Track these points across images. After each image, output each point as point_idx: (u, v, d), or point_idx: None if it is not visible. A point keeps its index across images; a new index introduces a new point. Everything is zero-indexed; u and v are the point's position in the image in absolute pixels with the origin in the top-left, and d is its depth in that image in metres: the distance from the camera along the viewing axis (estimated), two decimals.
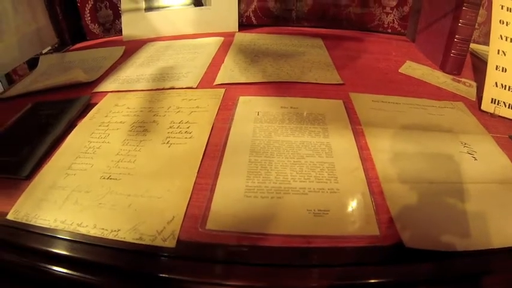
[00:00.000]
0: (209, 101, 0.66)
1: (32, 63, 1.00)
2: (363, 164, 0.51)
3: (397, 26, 1.13)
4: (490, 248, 0.41)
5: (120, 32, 1.16)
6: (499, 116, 0.67)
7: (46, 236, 0.44)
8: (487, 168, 0.53)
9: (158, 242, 0.41)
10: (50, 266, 0.41)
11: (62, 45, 1.13)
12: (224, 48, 0.94)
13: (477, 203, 0.46)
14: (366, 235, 0.41)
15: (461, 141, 0.58)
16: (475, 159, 0.54)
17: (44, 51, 1.07)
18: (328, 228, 0.42)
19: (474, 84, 0.78)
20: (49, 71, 0.92)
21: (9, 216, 0.47)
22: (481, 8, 0.96)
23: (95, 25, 1.20)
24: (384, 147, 0.55)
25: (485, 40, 0.74)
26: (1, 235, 0.45)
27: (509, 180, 0.51)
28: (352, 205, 0.45)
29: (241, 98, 0.67)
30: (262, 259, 0.39)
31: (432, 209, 0.45)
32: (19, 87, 0.84)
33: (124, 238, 0.42)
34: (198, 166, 0.51)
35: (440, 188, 0.48)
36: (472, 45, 0.96)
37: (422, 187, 0.48)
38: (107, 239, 0.42)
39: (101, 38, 1.21)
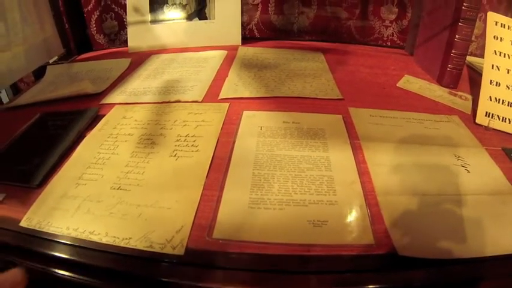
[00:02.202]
0: (214, 115, 0.70)
1: (38, 72, 1.03)
2: (360, 178, 0.54)
3: (396, 39, 1.18)
4: (482, 256, 0.43)
5: (124, 42, 1.21)
6: (493, 129, 0.70)
7: (59, 242, 0.47)
8: (479, 180, 0.56)
9: (168, 250, 0.43)
10: (62, 272, 0.44)
11: (67, 55, 1.17)
12: (228, 61, 0.98)
13: (469, 213, 0.49)
14: (361, 244, 0.44)
15: (455, 154, 0.61)
16: (468, 172, 0.57)
17: (50, 61, 1.10)
18: (327, 237, 0.45)
19: (470, 97, 0.82)
20: (56, 80, 0.96)
21: (22, 223, 0.49)
22: (478, 20, 1.00)
23: (100, 35, 1.25)
24: (381, 161, 0.58)
25: (482, 52, 0.77)
26: (15, 241, 0.48)
27: (501, 192, 0.54)
28: (349, 216, 0.48)
29: (245, 113, 0.70)
30: (265, 266, 0.43)
31: (425, 219, 0.48)
32: (27, 97, 0.87)
33: (135, 246, 0.44)
34: (205, 178, 0.54)
35: (434, 200, 0.51)
36: (469, 58, 0.99)
37: (416, 199, 0.51)
38: (119, 246, 0.45)
39: (106, 48, 1.25)
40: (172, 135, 0.65)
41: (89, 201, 0.52)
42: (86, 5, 1.20)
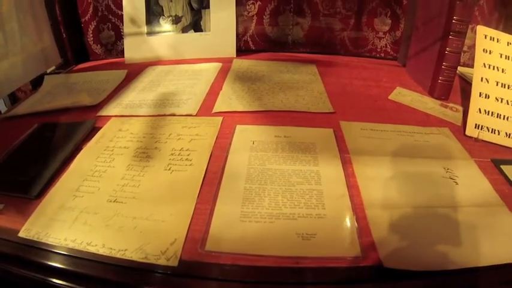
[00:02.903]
0: (208, 129, 0.72)
1: (35, 80, 1.05)
2: (349, 191, 0.56)
3: (389, 50, 1.21)
4: (467, 267, 0.45)
5: (121, 53, 1.23)
6: (483, 140, 0.72)
7: (57, 253, 0.48)
8: (467, 192, 0.57)
9: (162, 261, 0.45)
10: (60, 282, 0.45)
11: (65, 65, 1.19)
12: (222, 74, 1.00)
13: (456, 225, 0.50)
14: (348, 256, 0.46)
15: (444, 166, 0.63)
16: (457, 184, 0.59)
17: (48, 71, 1.12)
18: (315, 250, 0.47)
19: (461, 109, 0.84)
20: (54, 91, 0.98)
21: (21, 234, 0.50)
22: (470, 31, 1.03)
23: (97, 46, 1.27)
24: (370, 175, 0.60)
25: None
26: (13, 251, 0.49)
27: (488, 203, 0.55)
28: (337, 229, 0.50)
29: (238, 127, 0.73)
30: (255, 277, 0.44)
31: (412, 231, 0.49)
32: (24, 106, 0.89)
33: (131, 257, 0.46)
34: (198, 192, 0.56)
35: (421, 212, 0.53)
36: (461, 69, 1.03)
37: (403, 211, 0.53)
38: (115, 257, 0.46)
39: (103, 58, 1.28)
40: (167, 148, 0.67)
41: (86, 213, 0.54)
42: (83, 15, 1.22)
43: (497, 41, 0.81)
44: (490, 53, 0.80)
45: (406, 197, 0.56)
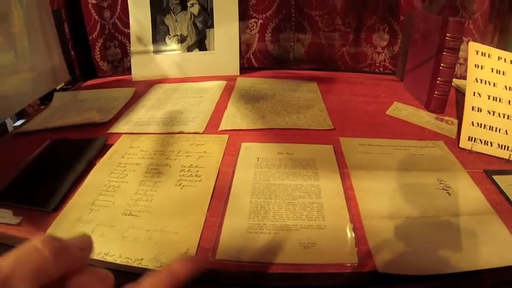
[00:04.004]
0: (215, 147, 0.77)
1: (44, 96, 1.10)
2: (347, 203, 0.60)
3: (388, 64, 1.26)
4: (460, 271, 0.49)
5: (127, 70, 1.30)
6: (476, 152, 0.76)
7: None
8: (460, 201, 0.62)
9: None
10: None
11: (73, 81, 1.24)
12: (227, 92, 1.05)
13: (448, 233, 0.55)
14: (346, 263, 0.50)
15: (438, 178, 0.67)
16: (449, 195, 0.63)
17: (58, 87, 1.17)
18: (315, 257, 0.51)
19: (455, 121, 0.89)
20: (63, 107, 1.02)
21: None
22: (465, 44, 1.08)
23: (104, 62, 1.33)
24: (367, 188, 0.64)
25: None
26: None
27: (479, 212, 0.60)
28: (337, 238, 0.54)
29: (243, 145, 0.77)
30: (261, 283, 0.49)
31: (405, 239, 0.53)
32: (35, 123, 0.93)
33: (147, 266, 0.50)
34: (208, 206, 0.61)
35: (415, 222, 0.57)
36: (457, 81, 1.07)
37: (398, 221, 0.57)
38: (132, 266, 0.50)
39: (110, 74, 1.33)
40: (177, 165, 0.72)
41: (102, 226, 0.57)
42: (91, 33, 1.28)
43: (489, 56, 0.85)
44: (481, 68, 0.84)
45: (401, 208, 0.60)
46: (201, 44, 1.21)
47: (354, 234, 0.55)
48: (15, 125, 1.20)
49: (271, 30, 1.28)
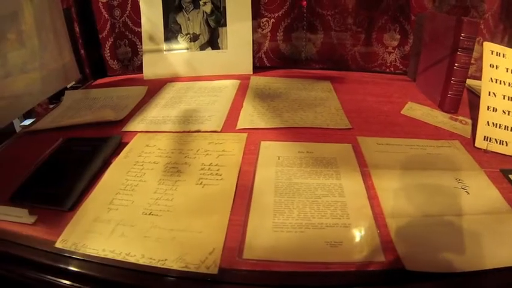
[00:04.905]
0: (234, 145, 0.77)
1: (52, 95, 1.10)
2: (370, 202, 0.61)
3: (399, 64, 1.26)
4: (482, 269, 0.49)
5: (137, 68, 1.30)
6: (492, 152, 0.77)
7: (96, 263, 0.51)
8: (478, 201, 0.62)
9: (202, 270, 0.48)
10: None
11: (83, 80, 1.24)
12: (241, 91, 1.06)
13: (468, 231, 0.55)
14: (373, 261, 0.51)
15: (455, 177, 0.68)
16: (468, 194, 0.64)
17: (68, 86, 1.17)
18: (342, 256, 0.52)
19: (469, 121, 0.89)
20: (74, 105, 1.02)
21: (58, 245, 0.53)
22: (477, 44, 1.07)
23: (114, 61, 1.33)
24: (388, 186, 0.65)
25: (481, 74, 0.85)
26: (51, 261, 0.51)
27: (497, 211, 0.60)
28: (361, 237, 0.55)
29: (263, 143, 0.78)
30: (289, 282, 0.49)
31: (429, 237, 0.54)
32: (46, 121, 0.93)
33: (171, 266, 0.49)
34: (231, 205, 0.60)
35: (436, 220, 0.58)
36: (468, 81, 1.05)
37: (420, 220, 0.58)
38: (155, 267, 0.49)
39: (120, 73, 1.33)
40: (197, 164, 0.71)
41: (122, 225, 0.57)
42: (101, 32, 1.28)
43: (503, 56, 0.85)
44: (496, 68, 0.84)
45: (422, 207, 0.61)
46: (213, 43, 1.21)
47: (378, 232, 0.55)
48: (22, 124, 1.20)
49: (283, 29, 1.27)
